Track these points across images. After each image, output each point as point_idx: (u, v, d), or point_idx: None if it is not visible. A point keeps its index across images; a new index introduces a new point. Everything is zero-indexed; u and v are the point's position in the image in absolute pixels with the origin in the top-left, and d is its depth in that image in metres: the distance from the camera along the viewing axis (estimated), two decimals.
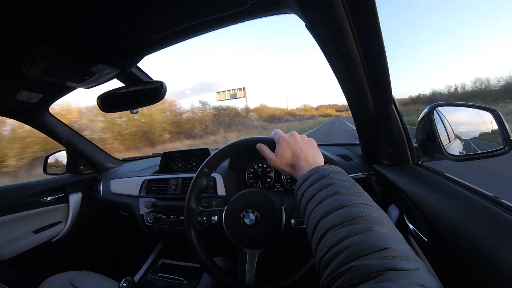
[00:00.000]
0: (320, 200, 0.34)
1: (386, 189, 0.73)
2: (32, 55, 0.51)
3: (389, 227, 0.29)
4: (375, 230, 0.27)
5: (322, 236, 0.30)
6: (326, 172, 0.38)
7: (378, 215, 0.31)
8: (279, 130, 0.53)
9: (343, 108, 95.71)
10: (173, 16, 0.49)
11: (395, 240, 0.27)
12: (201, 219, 0.61)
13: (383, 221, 0.30)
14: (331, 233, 0.29)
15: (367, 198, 0.34)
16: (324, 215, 0.32)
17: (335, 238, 0.28)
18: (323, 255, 0.29)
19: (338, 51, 0.51)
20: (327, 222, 0.31)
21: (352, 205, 0.31)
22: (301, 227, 0.55)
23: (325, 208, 0.33)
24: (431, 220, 0.44)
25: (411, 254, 0.25)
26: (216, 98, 56.93)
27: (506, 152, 0.50)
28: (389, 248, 0.25)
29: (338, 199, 0.33)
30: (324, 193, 0.35)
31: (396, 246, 0.25)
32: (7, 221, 1.03)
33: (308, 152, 0.47)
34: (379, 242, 0.26)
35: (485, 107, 0.54)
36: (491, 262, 0.30)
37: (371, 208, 0.32)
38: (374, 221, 0.29)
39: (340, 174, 0.39)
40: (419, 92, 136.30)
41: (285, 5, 0.49)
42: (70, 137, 1.23)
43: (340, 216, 0.30)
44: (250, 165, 1.02)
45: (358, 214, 0.30)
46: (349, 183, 0.37)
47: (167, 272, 1.19)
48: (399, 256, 0.24)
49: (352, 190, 0.35)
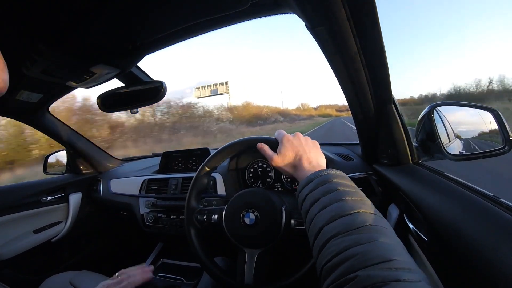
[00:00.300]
0: (323, 205, 0.34)
1: (386, 188, 0.73)
2: (32, 55, 0.51)
3: (392, 237, 0.30)
4: (379, 241, 0.28)
5: (326, 242, 0.31)
6: (329, 177, 0.38)
7: (382, 225, 0.31)
8: (282, 131, 0.53)
9: (344, 108, 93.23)
10: (173, 16, 0.49)
11: (399, 252, 0.27)
12: (201, 218, 0.61)
13: (387, 231, 0.30)
14: (335, 241, 0.30)
15: (369, 205, 0.35)
16: (328, 221, 0.32)
17: (339, 246, 0.29)
18: (326, 262, 0.29)
19: (338, 51, 0.51)
20: (331, 229, 0.31)
21: (356, 213, 0.32)
22: (301, 228, 0.55)
23: (329, 214, 0.33)
24: (431, 220, 0.44)
25: (414, 266, 0.26)
26: (195, 94, 51.49)
27: (506, 152, 0.50)
28: (393, 260, 0.26)
29: (342, 206, 0.33)
30: (328, 198, 0.35)
31: (400, 258, 0.26)
32: (7, 221, 1.03)
33: (311, 153, 0.47)
34: (383, 253, 0.26)
35: (485, 106, 0.54)
36: (491, 261, 0.30)
37: (375, 217, 0.32)
38: (379, 231, 0.30)
39: (343, 178, 0.39)
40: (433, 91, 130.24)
41: (285, 5, 0.49)
42: (70, 137, 1.23)
43: (345, 224, 0.31)
44: (250, 164, 1.02)
45: (362, 223, 0.30)
46: (353, 188, 0.37)
47: (167, 271, 1.19)
48: (402, 268, 0.25)
49: (355, 197, 0.35)
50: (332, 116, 79.93)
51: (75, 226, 1.25)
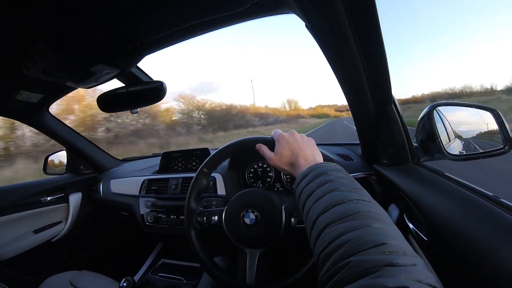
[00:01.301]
0: (318, 197, 0.35)
1: (386, 188, 0.73)
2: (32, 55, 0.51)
3: (387, 223, 0.29)
4: (372, 226, 0.28)
5: (320, 232, 0.31)
6: (324, 169, 0.38)
7: (375, 211, 0.31)
8: (278, 130, 0.53)
9: (343, 108, 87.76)
10: (173, 16, 0.49)
11: (392, 236, 0.27)
12: (201, 219, 0.61)
13: (381, 216, 0.30)
14: (329, 229, 0.30)
15: (365, 194, 0.35)
16: (322, 211, 0.32)
17: (332, 234, 0.28)
18: (321, 251, 0.29)
19: (338, 51, 0.51)
20: (325, 219, 0.31)
21: (350, 201, 0.32)
22: (301, 226, 0.55)
23: (324, 205, 0.33)
24: (431, 220, 0.44)
25: (409, 250, 0.25)
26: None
27: (506, 152, 0.51)
28: (386, 243, 0.25)
29: (336, 195, 0.33)
30: (322, 190, 0.35)
31: (393, 242, 0.25)
32: (7, 221, 1.03)
33: (307, 150, 0.47)
34: (376, 237, 0.26)
35: (485, 106, 0.54)
36: (491, 261, 0.30)
37: (369, 204, 0.32)
38: (372, 216, 0.29)
39: (339, 171, 0.39)
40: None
41: (285, 5, 0.49)
42: (70, 137, 1.23)
43: (338, 212, 0.31)
44: (250, 164, 1.02)
45: (355, 210, 0.30)
46: (348, 180, 0.37)
47: (167, 271, 1.19)
48: (396, 252, 0.24)
49: (350, 186, 0.35)
50: (330, 117, 69.82)
51: (75, 226, 1.24)
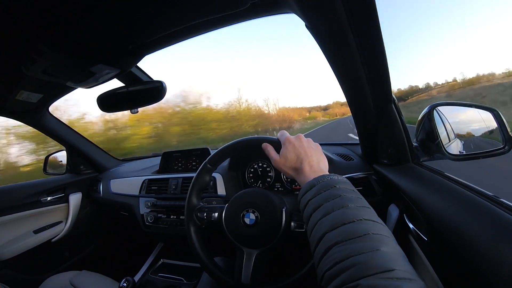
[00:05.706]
0: (326, 212, 0.34)
1: (386, 188, 0.73)
2: (32, 55, 0.51)
3: (394, 247, 0.30)
4: (381, 250, 0.28)
5: (328, 249, 0.31)
6: (332, 182, 0.38)
7: (383, 233, 0.31)
8: (285, 132, 0.52)
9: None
10: (173, 16, 0.49)
11: (400, 261, 0.28)
12: (201, 215, 0.61)
13: (388, 240, 0.31)
14: (336, 248, 0.30)
15: (373, 213, 0.35)
16: (330, 228, 0.32)
17: (340, 254, 0.29)
18: (327, 269, 0.29)
19: (338, 50, 0.51)
20: (332, 236, 0.31)
21: (359, 221, 0.32)
22: (300, 230, 0.55)
23: (332, 221, 0.33)
24: (431, 220, 0.44)
25: (414, 276, 0.26)
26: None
27: (506, 152, 0.51)
28: (394, 270, 0.26)
29: (345, 213, 0.33)
30: (331, 205, 0.35)
31: (401, 268, 0.26)
32: (7, 221, 1.03)
33: (312, 157, 0.46)
34: (385, 263, 0.27)
35: (485, 106, 0.54)
36: (491, 261, 0.30)
37: (377, 226, 0.32)
38: (380, 240, 0.30)
39: (346, 184, 0.39)
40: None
41: (285, 5, 0.49)
42: (70, 137, 1.23)
43: (347, 232, 0.31)
44: (250, 164, 1.02)
45: (364, 232, 0.30)
46: (355, 195, 0.37)
47: (167, 272, 1.19)
48: (403, 279, 0.25)
49: (358, 204, 0.35)
50: (318, 120, 51.21)
51: (75, 226, 1.25)
